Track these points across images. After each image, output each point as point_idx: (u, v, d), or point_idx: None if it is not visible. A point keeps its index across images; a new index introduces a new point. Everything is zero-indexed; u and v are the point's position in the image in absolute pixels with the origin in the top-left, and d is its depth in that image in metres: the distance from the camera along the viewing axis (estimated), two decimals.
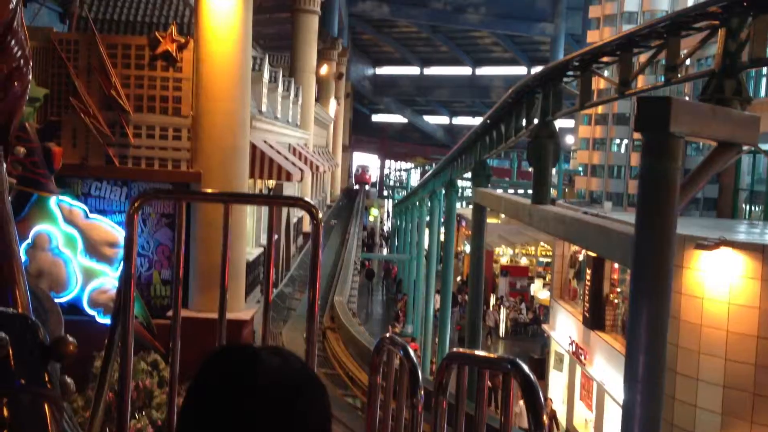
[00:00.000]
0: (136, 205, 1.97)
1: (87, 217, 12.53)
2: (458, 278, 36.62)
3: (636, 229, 6.23)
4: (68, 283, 12.23)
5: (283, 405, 1.19)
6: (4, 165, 1.76)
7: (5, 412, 1.54)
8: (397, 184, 71.47)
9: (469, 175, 21.05)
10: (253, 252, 16.48)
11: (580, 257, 21.02)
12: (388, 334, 1.99)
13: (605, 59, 10.82)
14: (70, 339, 1.69)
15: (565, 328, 20.52)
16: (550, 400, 19.19)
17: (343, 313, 23.16)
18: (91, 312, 12.27)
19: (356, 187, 67.16)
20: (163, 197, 6.55)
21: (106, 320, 12.52)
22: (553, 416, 18.28)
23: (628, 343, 6.25)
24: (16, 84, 1.67)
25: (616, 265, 17.54)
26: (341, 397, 16.27)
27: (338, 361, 19.57)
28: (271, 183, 16.90)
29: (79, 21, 13.58)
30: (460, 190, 28.76)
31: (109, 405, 5.51)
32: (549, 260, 34.82)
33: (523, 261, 38.60)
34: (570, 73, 12.01)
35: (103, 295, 12.83)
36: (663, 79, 9.74)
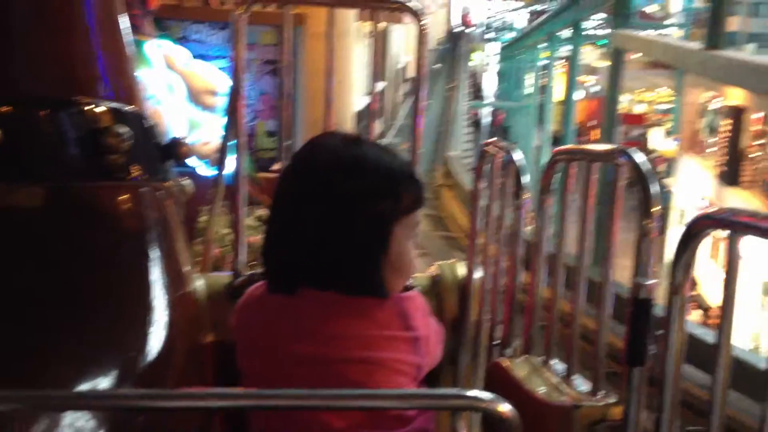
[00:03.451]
0: (239, 12, 2.02)
1: (187, 63, 12.68)
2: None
3: None
4: (168, 135, 12.56)
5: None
6: None
7: (128, 204, 1.70)
8: (502, 27, 69.20)
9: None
10: (361, 101, 16.43)
11: (712, 105, 20.08)
12: (493, 140, 2.04)
13: None
14: (185, 140, 1.82)
15: (692, 183, 19.92)
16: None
17: (459, 169, 22.47)
18: (195, 164, 12.57)
19: (460, 29, 65.59)
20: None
21: (213, 172, 12.87)
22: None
23: None
24: None
25: (758, 115, 16.63)
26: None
27: (456, 222, 19.00)
28: (382, 24, 16.63)
29: None
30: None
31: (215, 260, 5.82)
32: (669, 107, 33.64)
33: (639, 108, 37.41)
34: None
35: (207, 146, 13.14)
36: None
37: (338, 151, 1.56)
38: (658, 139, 33.24)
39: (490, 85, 54.75)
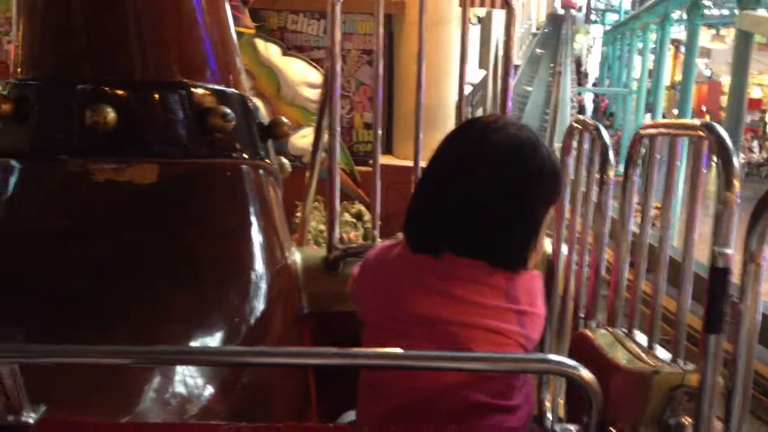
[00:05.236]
0: None
1: (284, 54, 12.71)
2: (674, 111, 34.94)
3: None
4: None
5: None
6: None
7: (232, 180, 1.85)
8: (608, 7, 67.49)
9: None
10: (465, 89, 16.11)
11: None
12: (581, 117, 2.10)
13: None
14: (285, 120, 1.97)
15: None
16: None
17: None
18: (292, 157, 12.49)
19: (562, 11, 64.22)
20: None
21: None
22: None
23: None
24: None
25: None
26: None
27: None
28: (482, 11, 16.48)
29: None
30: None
31: None
32: None
33: (756, 92, 35.99)
34: None
35: (304, 140, 12.95)
36: None
37: (519, 137, 1.67)
38: None
39: (594, 70, 53.60)
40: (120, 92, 1.66)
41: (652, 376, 1.45)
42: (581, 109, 39.20)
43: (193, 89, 1.74)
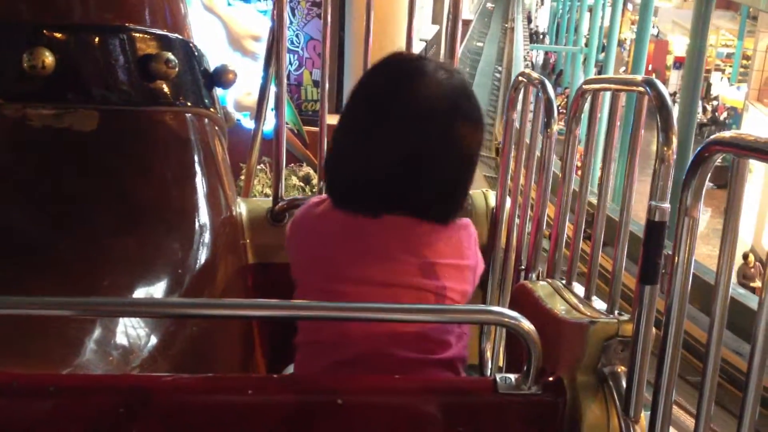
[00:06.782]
0: None
1: (229, 4, 12.23)
2: (621, 69, 35.19)
3: None
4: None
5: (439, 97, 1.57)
6: None
7: (171, 127, 1.82)
8: None
9: None
10: (417, 46, 15.98)
11: None
12: (526, 71, 2.10)
13: None
14: (231, 67, 1.93)
15: (763, 135, 19.35)
16: None
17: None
18: (236, 116, 11.78)
19: None
20: None
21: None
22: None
23: None
24: None
25: None
26: None
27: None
28: None
29: None
30: None
31: None
32: (732, 50, 32.75)
33: None
34: None
35: (250, 97, 12.35)
36: None
37: (451, 85, 1.60)
38: (722, 86, 32.30)
39: (544, 26, 53.48)
40: (58, 35, 1.61)
41: (589, 325, 1.47)
42: (533, 67, 39.22)
43: (135, 33, 1.70)
